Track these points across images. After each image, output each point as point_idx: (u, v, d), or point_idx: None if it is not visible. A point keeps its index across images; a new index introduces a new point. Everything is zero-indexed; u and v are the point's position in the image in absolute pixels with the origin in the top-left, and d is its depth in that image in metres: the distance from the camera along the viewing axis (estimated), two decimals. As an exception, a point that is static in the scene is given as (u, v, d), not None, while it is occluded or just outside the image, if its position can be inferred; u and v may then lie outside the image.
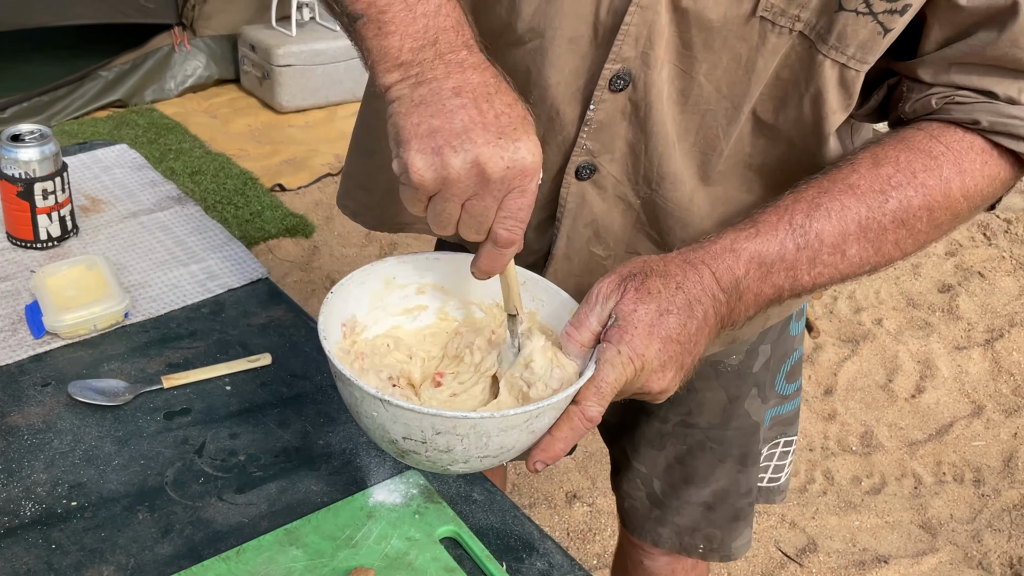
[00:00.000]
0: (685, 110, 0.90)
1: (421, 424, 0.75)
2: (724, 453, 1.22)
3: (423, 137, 0.72)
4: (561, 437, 0.79)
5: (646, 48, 0.85)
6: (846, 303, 3.09)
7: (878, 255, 0.85)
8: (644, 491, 1.26)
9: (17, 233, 1.26)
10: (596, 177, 0.95)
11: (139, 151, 3.58)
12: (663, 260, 0.82)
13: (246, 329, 1.17)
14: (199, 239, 1.34)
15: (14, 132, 1.23)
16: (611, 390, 0.77)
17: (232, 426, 1.02)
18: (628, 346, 0.77)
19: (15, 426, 0.99)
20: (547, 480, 2.30)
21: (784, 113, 0.89)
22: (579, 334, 0.80)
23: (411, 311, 0.93)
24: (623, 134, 0.91)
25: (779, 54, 0.85)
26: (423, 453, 0.78)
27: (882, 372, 2.79)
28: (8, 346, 1.10)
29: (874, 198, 0.83)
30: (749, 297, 0.83)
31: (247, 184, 3.48)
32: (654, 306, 0.78)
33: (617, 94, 0.88)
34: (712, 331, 0.82)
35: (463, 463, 0.79)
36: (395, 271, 0.91)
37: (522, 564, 0.90)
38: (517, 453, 0.81)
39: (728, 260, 0.82)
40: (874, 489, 2.37)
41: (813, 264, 0.83)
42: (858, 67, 0.84)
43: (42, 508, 0.90)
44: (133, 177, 1.49)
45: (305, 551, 0.87)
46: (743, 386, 1.19)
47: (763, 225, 0.83)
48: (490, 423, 0.75)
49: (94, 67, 4.07)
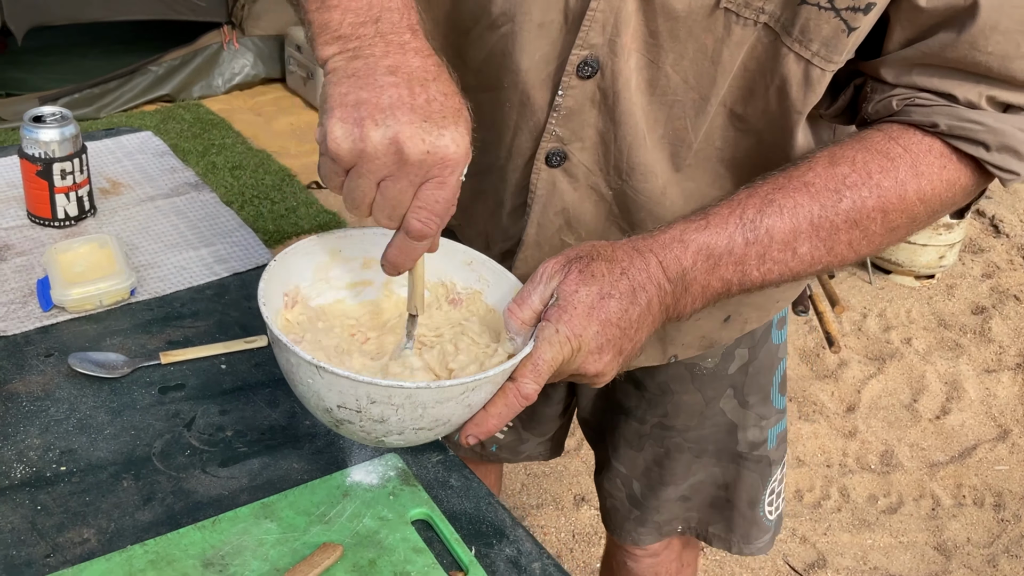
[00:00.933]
0: (653, 100, 0.90)
1: (356, 392, 0.74)
2: (701, 450, 1.23)
3: (348, 107, 0.70)
4: (495, 413, 0.79)
5: (613, 35, 0.85)
6: (875, 321, 3.06)
7: (830, 254, 0.85)
8: (624, 492, 1.27)
9: (36, 211, 1.31)
10: (567, 165, 0.95)
11: (183, 145, 3.67)
12: (611, 246, 0.82)
13: (247, 311, 1.20)
14: (211, 224, 1.37)
15: (36, 114, 1.27)
16: (548, 368, 0.77)
17: (223, 403, 1.05)
18: (566, 326, 0.77)
19: (15, 393, 1.03)
20: (556, 482, 2.31)
21: (752, 104, 0.89)
22: (520, 311, 0.81)
23: (355, 285, 0.93)
24: (592, 122, 0.92)
25: (744, 46, 0.85)
26: (357, 423, 0.78)
27: (907, 391, 2.75)
28: (17, 317, 1.14)
29: (828, 197, 0.83)
30: (696, 289, 0.83)
31: (284, 180, 3.55)
32: (596, 288, 0.78)
33: (585, 81, 0.89)
34: (656, 320, 0.82)
35: (398, 435, 0.79)
36: (341, 244, 0.91)
37: (491, 549, 0.92)
38: (452, 428, 0.82)
39: (676, 250, 0.82)
40: (890, 508, 2.34)
41: (763, 260, 0.83)
42: (823, 65, 0.84)
43: (32, 471, 0.94)
44: (154, 163, 1.53)
45: (279, 524, 0.90)
46: (719, 387, 1.20)
47: (714, 217, 0.83)
48: (426, 394, 0.74)
49: (145, 62, 4.18)
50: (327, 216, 3.33)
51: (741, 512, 1.28)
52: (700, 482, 1.26)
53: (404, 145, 0.70)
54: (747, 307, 1.11)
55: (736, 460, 1.25)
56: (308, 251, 0.90)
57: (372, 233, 0.91)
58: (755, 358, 1.20)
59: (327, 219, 3.31)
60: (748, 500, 1.27)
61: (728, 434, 1.23)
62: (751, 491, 1.27)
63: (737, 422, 1.23)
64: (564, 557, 2.12)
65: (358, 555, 0.87)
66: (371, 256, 0.92)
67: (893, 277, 3.34)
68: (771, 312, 1.16)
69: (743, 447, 1.25)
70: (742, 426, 1.23)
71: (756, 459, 1.25)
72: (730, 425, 1.22)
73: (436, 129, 0.71)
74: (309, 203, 3.42)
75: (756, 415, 1.23)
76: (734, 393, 1.21)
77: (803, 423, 2.61)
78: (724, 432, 1.23)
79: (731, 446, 1.24)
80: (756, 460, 1.25)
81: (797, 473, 2.44)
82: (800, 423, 2.61)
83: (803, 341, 2.95)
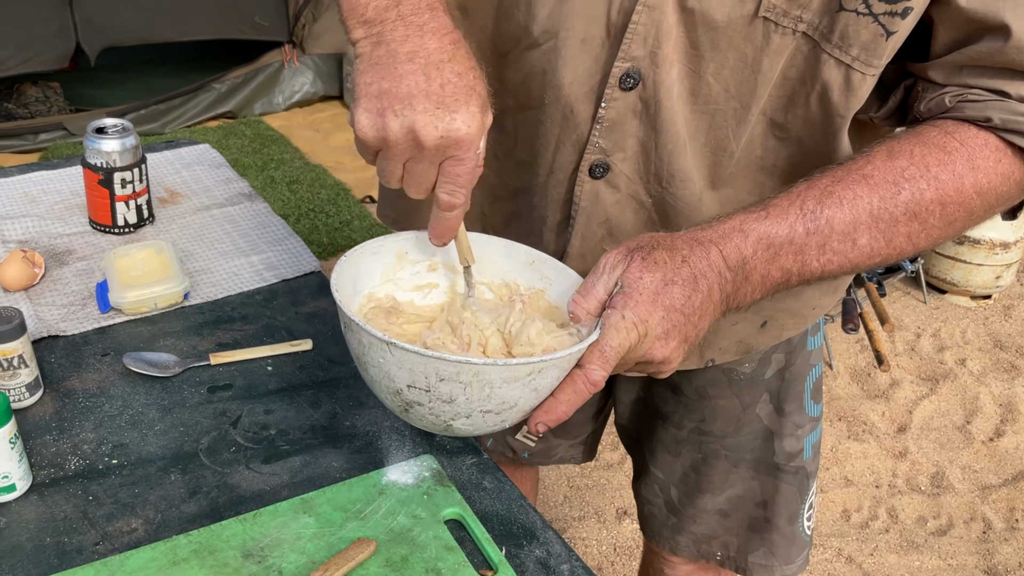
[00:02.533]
0: (695, 110, 0.92)
1: (425, 369, 0.77)
2: (738, 459, 1.23)
3: (372, 97, 0.77)
4: (564, 400, 0.81)
5: (654, 47, 0.87)
6: (929, 341, 3.01)
7: (889, 246, 0.85)
8: (662, 498, 1.28)
9: (97, 218, 1.37)
10: (609, 176, 0.97)
11: (244, 160, 3.76)
12: (670, 236, 0.83)
13: (293, 316, 1.24)
14: (262, 233, 1.42)
15: (99, 125, 1.33)
16: (615, 354, 0.79)
17: (268, 403, 1.09)
18: (632, 311, 0.78)
19: (72, 389, 1.08)
20: (598, 495, 2.32)
21: (793, 112, 0.91)
22: (585, 302, 0.82)
23: (422, 288, 0.97)
24: (634, 132, 0.94)
25: (784, 55, 0.86)
26: (426, 404, 0.80)
27: (960, 413, 2.71)
28: (76, 318, 1.19)
29: (887, 189, 0.83)
30: (756, 278, 0.83)
31: (340, 195, 3.62)
32: (659, 275, 0.79)
33: (628, 92, 0.91)
34: (717, 309, 0.83)
35: (465, 417, 0.80)
36: (407, 246, 0.95)
37: (521, 550, 0.94)
38: (519, 414, 0.83)
39: (736, 239, 0.83)
40: (940, 531, 2.30)
41: (823, 250, 0.84)
42: (864, 69, 0.85)
43: (85, 463, 0.98)
44: (211, 174, 1.59)
45: (316, 519, 0.93)
46: (756, 392, 1.20)
47: (774, 208, 0.84)
48: (494, 371, 0.76)
49: (209, 80, 4.30)
50: (380, 229, 3.39)
51: (781, 530, 1.27)
52: (739, 497, 1.26)
53: (419, 133, 0.76)
54: (784, 313, 1.12)
55: (774, 473, 1.25)
56: (375, 251, 0.94)
57: None
58: (791, 364, 1.21)
59: (380, 232, 3.37)
60: (788, 515, 1.27)
61: (765, 442, 1.24)
62: (791, 505, 1.27)
63: (774, 430, 1.23)
64: (605, 570, 2.12)
65: (391, 551, 0.89)
66: (437, 259, 0.97)
67: (948, 297, 3.29)
68: (808, 319, 1.16)
69: (780, 458, 1.25)
70: (778, 434, 1.23)
71: (794, 471, 1.25)
72: (766, 433, 1.23)
73: (448, 114, 0.76)
74: (363, 217, 3.48)
75: (792, 423, 1.23)
76: (770, 398, 1.21)
77: (852, 442, 2.58)
78: (761, 440, 1.23)
79: (768, 456, 1.24)
80: (794, 472, 1.25)
81: (844, 493, 2.41)
82: (849, 442, 2.58)
83: (854, 360, 2.92)
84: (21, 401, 1.03)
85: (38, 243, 1.34)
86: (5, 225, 1.37)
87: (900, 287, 3.33)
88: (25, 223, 1.38)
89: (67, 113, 4.14)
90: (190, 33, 4.22)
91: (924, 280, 3.27)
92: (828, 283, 1.10)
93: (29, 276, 1.23)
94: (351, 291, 0.92)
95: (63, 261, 1.30)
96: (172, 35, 4.19)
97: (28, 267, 1.23)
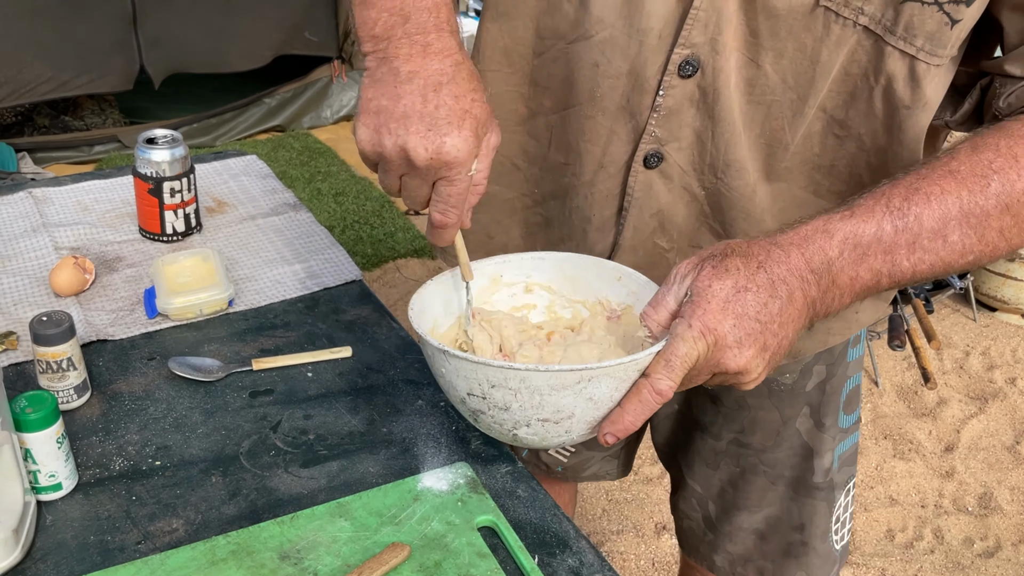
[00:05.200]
0: (752, 100, 0.91)
1: (477, 376, 0.79)
2: (776, 476, 1.22)
3: (371, 114, 0.80)
4: (630, 409, 0.79)
5: (715, 34, 0.87)
6: (979, 359, 2.96)
7: (982, 242, 0.82)
8: (700, 513, 1.27)
9: (147, 226, 1.40)
10: (663, 166, 0.96)
11: (292, 172, 3.82)
12: (747, 243, 0.81)
13: (334, 324, 1.26)
14: (306, 242, 1.45)
15: (149, 136, 1.37)
16: (681, 364, 0.77)
17: (308, 408, 1.11)
18: (699, 320, 0.76)
19: (119, 392, 1.11)
20: (637, 509, 2.31)
21: (854, 108, 0.89)
22: (656, 313, 0.81)
23: (520, 309, 0.98)
24: (690, 122, 0.93)
25: (844, 47, 0.86)
26: (487, 412, 0.82)
27: (1010, 433, 2.65)
28: (125, 323, 1.22)
29: (975, 182, 0.80)
30: (844, 280, 0.80)
31: (384, 207, 3.66)
32: (730, 282, 0.77)
33: (686, 80, 0.90)
34: (801, 315, 0.80)
35: (526, 426, 0.81)
36: (502, 269, 0.97)
37: (554, 559, 0.94)
38: (583, 425, 0.82)
39: (820, 241, 0.80)
40: (987, 552, 2.26)
41: (913, 249, 0.81)
42: (928, 59, 0.84)
43: (130, 464, 1.01)
44: (257, 184, 1.62)
45: (352, 523, 0.94)
46: (796, 405, 1.18)
47: (859, 208, 0.81)
48: (538, 377, 0.77)
49: (260, 94, 4.38)
50: (422, 241, 3.42)
51: (817, 551, 1.25)
52: (777, 518, 1.24)
53: (411, 153, 0.80)
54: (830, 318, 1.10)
55: (811, 493, 1.23)
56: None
57: (530, 258, 0.98)
58: (832, 375, 1.19)
59: (422, 244, 3.40)
60: (821, 534, 1.25)
61: (804, 460, 1.22)
62: (823, 522, 1.25)
63: (813, 447, 1.21)
64: (644, 584, 2.11)
65: (425, 556, 0.90)
66: (532, 280, 0.98)
67: (998, 315, 3.23)
68: (852, 327, 1.14)
69: (818, 476, 1.23)
70: (818, 452, 1.22)
71: (823, 487, 1.24)
72: (806, 450, 1.21)
73: (439, 137, 0.79)
74: (406, 229, 3.52)
75: (830, 438, 1.22)
76: (811, 412, 1.19)
77: (898, 461, 2.54)
78: (800, 458, 1.21)
79: (807, 476, 1.22)
80: (823, 488, 1.24)
81: (889, 512, 2.38)
82: (895, 461, 2.54)
83: (900, 377, 2.88)
84: (69, 403, 1.06)
85: (89, 250, 1.38)
86: (58, 232, 1.41)
87: (949, 304, 3.27)
88: (77, 230, 1.42)
89: (121, 126, 4.24)
90: (258, 61, 4.27)
91: (974, 297, 3.21)
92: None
93: (80, 282, 1.26)
94: (442, 313, 0.95)
95: (113, 268, 1.34)
96: (241, 65, 4.25)
97: (79, 273, 1.26)
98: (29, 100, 3.78)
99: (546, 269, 0.97)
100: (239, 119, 4.33)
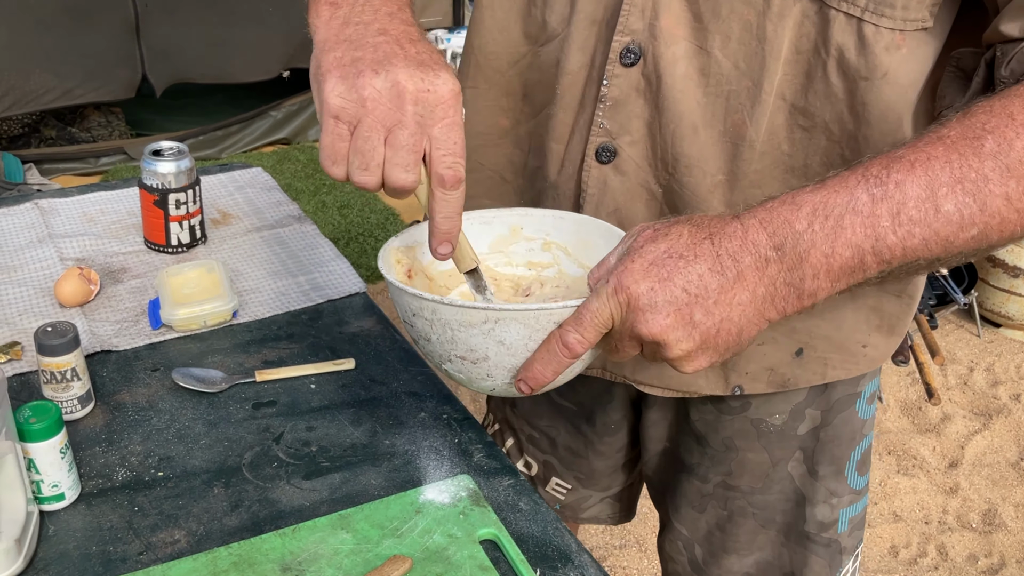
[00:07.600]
0: (708, 91, 0.88)
1: (403, 303, 0.80)
2: (767, 519, 1.16)
3: (345, 66, 0.73)
4: (539, 359, 0.77)
5: (652, 19, 0.86)
6: (983, 375, 2.95)
7: (985, 212, 0.70)
8: (685, 556, 1.22)
9: (152, 238, 1.41)
10: (617, 161, 0.94)
11: (297, 184, 3.83)
12: (709, 216, 0.76)
13: (337, 336, 1.26)
14: (310, 254, 1.45)
15: (155, 148, 1.38)
16: (591, 319, 0.74)
17: (310, 420, 1.11)
18: (616, 278, 0.73)
19: (122, 403, 1.11)
20: (640, 523, 2.30)
21: (812, 90, 0.86)
22: (598, 271, 0.78)
23: (535, 265, 0.97)
24: (639, 113, 0.91)
25: (788, 18, 0.83)
26: (418, 341, 0.82)
27: (1014, 449, 2.65)
28: (129, 334, 1.23)
29: (967, 144, 0.70)
30: (816, 258, 0.71)
31: (388, 219, 3.67)
32: (664, 246, 0.73)
33: (629, 69, 0.89)
34: (757, 297, 0.73)
35: (448, 362, 0.80)
36: (523, 222, 0.95)
37: (556, 573, 0.94)
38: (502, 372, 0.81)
39: (785, 212, 0.72)
40: (991, 569, 2.25)
41: (897, 219, 0.70)
42: (876, 20, 0.81)
43: (132, 475, 1.01)
44: (262, 197, 1.63)
45: (354, 536, 0.94)
46: (787, 448, 1.13)
47: (831, 179, 0.73)
48: (446, 311, 0.76)
49: (266, 107, 4.39)
50: (428, 255, 3.43)
51: None
52: (767, 563, 1.19)
53: (403, 85, 0.72)
54: (823, 342, 1.03)
55: (803, 542, 1.17)
56: (488, 221, 0.95)
57: (551, 215, 0.96)
58: (828, 423, 1.12)
59: (428, 257, 3.41)
60: None
61: (796, 506, 1.16)
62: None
63: (806, 494, 1.15)
64: (647, 599, 2.10)
65: (426, 569, 0.90)
66: (551, 239, 0.96)
67: (1003, 331, 3.22)
68: (858, 362, 1.06)
69: (811, 526, 1.17)
70: (811, 500, 1.15)
71: (825, 542, 1.17)
72: (798, 496, 1.15)
73: (431, 72, 0.74)
74: (412, 242, 3.53)
75: (826, 490, 1.15)
76: (803, 458, 1.14)
77: (902, 477, 2.53)
78: (792, 504, 1.16)
79: (799, 524, 1.16)
80: (825, 544, 1.17)
81: (893, 528, 2.37)
82: (898, 477, 2.53)
83: (904, 393, 2.87)
84: (73, 413, 1.07)
85: (94, 261, 1.38)
86: (63, 243, 1.42)
87: (953, 320, 3.27)
88: (82, 241, 1.43)
89: (128, 138, 4.26)
90: (261, 74, 4.29)
91: (978, 313, 3.21)
92: (876, 313, 1.03)
93: (85, 293, 1.27)
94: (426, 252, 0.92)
95: (118, 279, 1.34)
96: (245, 76, 4.25)
97: (84, 284, 1.27)
98: (34, 108, 3.80)
99: (565, 229, 0.94)
100: (245, 132, 4.35)
